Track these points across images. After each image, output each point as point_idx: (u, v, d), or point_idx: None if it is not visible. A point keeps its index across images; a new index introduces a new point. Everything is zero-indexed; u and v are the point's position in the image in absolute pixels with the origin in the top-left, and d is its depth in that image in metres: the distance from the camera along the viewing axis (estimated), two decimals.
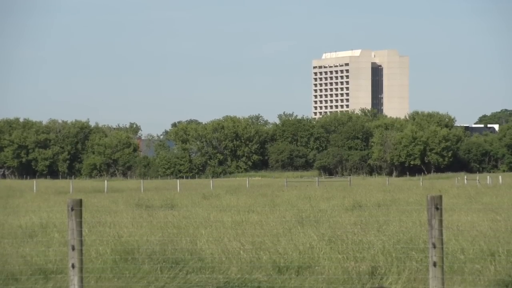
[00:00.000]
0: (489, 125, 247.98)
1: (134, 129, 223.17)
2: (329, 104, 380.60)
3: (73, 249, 16.25)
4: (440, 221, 14.93)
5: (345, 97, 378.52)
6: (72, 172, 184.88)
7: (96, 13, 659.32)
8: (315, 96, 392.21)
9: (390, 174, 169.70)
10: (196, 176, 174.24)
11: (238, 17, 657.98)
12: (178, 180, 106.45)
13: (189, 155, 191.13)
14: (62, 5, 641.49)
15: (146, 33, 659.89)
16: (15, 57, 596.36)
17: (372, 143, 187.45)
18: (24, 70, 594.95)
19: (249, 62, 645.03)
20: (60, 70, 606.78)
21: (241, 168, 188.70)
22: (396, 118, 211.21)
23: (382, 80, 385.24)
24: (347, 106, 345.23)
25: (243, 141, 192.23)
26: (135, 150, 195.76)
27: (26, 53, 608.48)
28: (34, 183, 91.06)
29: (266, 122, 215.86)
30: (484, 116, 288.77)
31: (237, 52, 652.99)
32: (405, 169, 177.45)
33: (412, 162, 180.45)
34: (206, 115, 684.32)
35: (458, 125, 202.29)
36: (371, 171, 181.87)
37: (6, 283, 18.40)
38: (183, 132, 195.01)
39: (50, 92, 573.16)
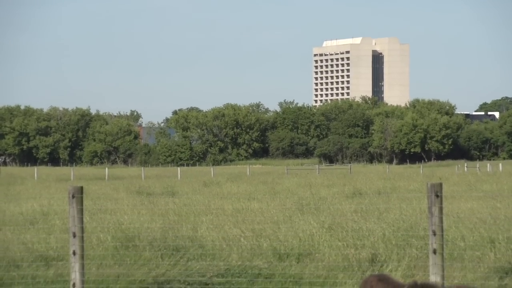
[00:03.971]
0: (489, 113, 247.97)
1: (135, 116, 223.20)
2: (329, 92, 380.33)
3: (74, 236, 16.29)
4: (440, 209, 14.96)
5: (345, 84, 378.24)
6: (73, 159, 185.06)
7: (96, 1, 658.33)
8: (316, 84, 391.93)
9: (390, 161, 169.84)
10: (197, 164, 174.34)
11: (239, 5, 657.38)
12: (179, 168, 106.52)
13: (190, 143, 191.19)
14: None
15: (148, 21, 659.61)
16: (15, 45, 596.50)
17: (373, 131, 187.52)
18: (24, 58, 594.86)
19: (250, 50, 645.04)
20: (61, 58, 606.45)
21: (241, 155, 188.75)
22: (397, 105, 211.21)
23: (383, 68, 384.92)
24: (348, 94, 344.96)
25: (243, 128, 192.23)
26: (136, 137, 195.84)
27: (26, 41, 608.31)
28: (35, 170, 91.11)
29: (266, 110, 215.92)
30: (485, 103, 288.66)
31: (238, 39, 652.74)
32: (405, 156, 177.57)
33: (412, 150, 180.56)
34: (207, 103, 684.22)
35: (459, 112, 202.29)
36: (371, 158, 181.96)
37: (8, 269, 18.44)
38: (183, 120, 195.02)
39: (50, 79, 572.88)
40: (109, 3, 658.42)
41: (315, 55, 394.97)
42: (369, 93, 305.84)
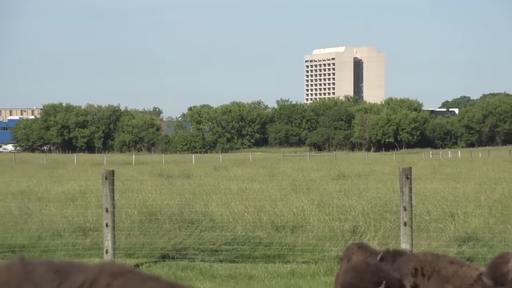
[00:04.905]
0: (450, 109, 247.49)
1: (157, 112, 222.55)
2: (318, 91, 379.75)
3: (106, 211, 16.30)
4: (410, 188, 14.96)
5: (331, 86, 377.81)
6: (106, 147, 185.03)
7: (124, 15, 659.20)
8: (307, 85, 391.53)
9: (368, 149, 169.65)
10: (208, 152, 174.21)
11: (243, 18, 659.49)
12: (193, 155, 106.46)
13: (202, 134, 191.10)
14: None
15: (168, 34, 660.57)
16: (61, 52, 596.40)
17: (354, 124, 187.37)
18: (65, 62, 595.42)
19: (252, 56, 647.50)
20: (95, 63, 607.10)
21: (245, 144, 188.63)
22: (374, 103, 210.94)
23: (363, 72, 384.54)
24: (333, 93, 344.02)
25: (247, 122, 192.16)
26: (157, 129, 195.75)
27: (67, 47, 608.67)
28: (75, 156, 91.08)
29: (266, 107, 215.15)
30: (446, 101, 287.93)
31: (242, 47, 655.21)
32: (381, 145, 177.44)
33: (387, 140, 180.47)
34: (217, 101, 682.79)
35: (425, 109, 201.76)
36: (353, 147, 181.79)
37: (53, 238, 18.47)
38: (197, 115, 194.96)
39: (87, 81, 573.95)
40: (136, 20, 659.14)
41: (306, 61, 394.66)
42: (351, 93, 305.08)
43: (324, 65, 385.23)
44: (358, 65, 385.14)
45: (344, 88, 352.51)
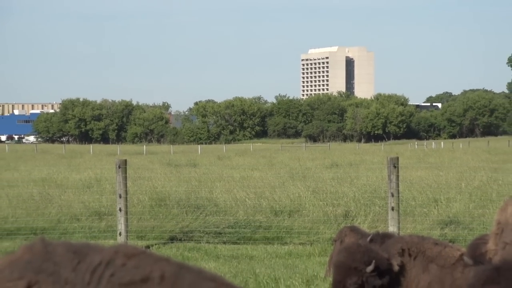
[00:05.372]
0: (434, 104, 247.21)
1: (165, 106, 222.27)
2: (313, 87, 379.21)
3: (120, 197, 16.29)
4: (397, 176, 14.96)
5: (325, 82, 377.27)
6: (119, 139, 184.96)
7: (139, 17, 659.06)
8: (303, 82, 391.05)
9: (359, 141, 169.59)
10: (213, 143, 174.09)
11: (245, 20, 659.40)
12: (199, 146, 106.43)
13: (207, 126, 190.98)
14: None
15: (177, 34, 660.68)
16: (79, 51, 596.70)
17: (346, 117, 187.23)
18: (83, 61, 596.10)
19: (253, 55, 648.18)
20: (110, 60, 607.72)
21: (246, 136, 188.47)
22: (364, 98, 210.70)
23: (354, 70, 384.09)
24: (327, 89, 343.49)
25: (248, 115, 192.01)
26: (166, 122, 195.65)
27: (85, 48, 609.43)
28: (91, 147, 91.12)
29: (265, 102, 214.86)
30: (430, 96, 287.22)
31: (244, 47, 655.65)
32: (370, 137, 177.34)
33: (376, 132, 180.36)
34: (220, 96, 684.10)
35: (411, 103, 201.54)
36: (345, 138, 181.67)
37: (71, 221, 18.49)
38: (203, 109, 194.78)
39: (103, 77, 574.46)
40: (147, 23, 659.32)
41: (302, 59, 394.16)
42: (343, 89, 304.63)
43: (319, 63, 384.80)
44: (349, 64, 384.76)
45: (337, 85, 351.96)
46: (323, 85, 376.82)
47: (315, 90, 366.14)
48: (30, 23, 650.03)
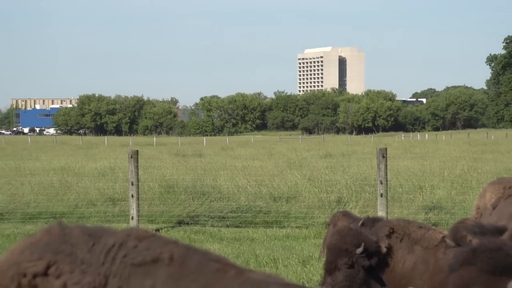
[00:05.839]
0: (419, 99, 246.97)
1: (174, 101, 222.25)
2: (309, 84, 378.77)
3: (132, 184, 16.29)
4: (385, 165, 14.95)
5: (320, 79, 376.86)
6: (131, 131, 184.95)
7: (150, 20, 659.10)
8: (299, 79, 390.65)
9: (351, 133, 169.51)
10: (217, 135, 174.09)
11: (246, 22, 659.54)
12: (204, 137, 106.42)
13: (212, 120, 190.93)
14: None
15: (185, 36, 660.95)
16: (96, 51, 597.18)
17: (339, 112, 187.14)
18: (98, 60, 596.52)
19: (254, 55, 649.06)
20: (123, 59, 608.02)
21: (248, 129, 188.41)
22: (355, 94, 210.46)
23: (346, 68, 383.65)
24: (322, 86, 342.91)
25: (249, 110, 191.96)
26: (174, 116, 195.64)
27: (101, 47, 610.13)
28: (105, 139, 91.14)
29: (265, 97, 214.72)
30: (416, 92, 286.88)
31: (245, 48, 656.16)
32: (361, 129, 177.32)
33: (366, 125, 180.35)
34: (224, 92, 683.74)
35: (398, 99, 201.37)
36: (338, 131, 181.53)
37: (87, 207, 18.50)
38: (208, 104, 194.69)
39: (117, 74, 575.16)
40: (156, 25, 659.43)
41: (299, 59, 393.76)
42: (336, 85, 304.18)
43: (314, 62, 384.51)
44: (342, 62, 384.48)
45: (330, 82, 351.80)
46: (318, 82, 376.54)
47: (310, 86, 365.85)
48: (50, 26, 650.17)
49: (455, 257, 5.44)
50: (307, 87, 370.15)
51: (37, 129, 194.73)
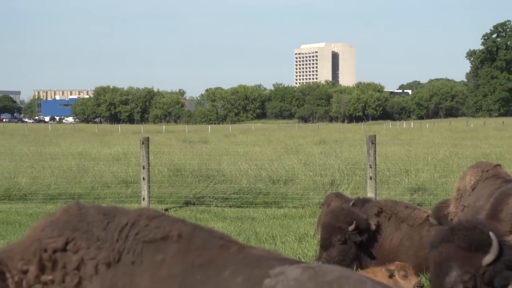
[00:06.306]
0: (405, 90, 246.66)
1: (181, 92, 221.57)
2: (305, 77, 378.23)
3: (143, 168, 16.30)
4: (375, 151, 14.94)
5: (315, 72, 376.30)
6: (143, 119, 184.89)
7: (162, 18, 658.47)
8: (296, 72, 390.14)
9: (343, 121, 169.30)
10: (221, 123, 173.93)
11: (247, 20, 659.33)
12: (209, 125, 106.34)
13: (216, 109, 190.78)
14: None
15: (191, 34, 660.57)
16: (110, 47, 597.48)
17: (332, 102, 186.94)
18: (112, 55, 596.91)
19: (254, 50, 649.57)
20: (135, 54, 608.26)
21: (249, 118, 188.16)
22: (347, 86, 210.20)
23: (338, 62, 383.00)
24: (316, 78, 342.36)
25: (250, 100, 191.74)
26: (182, 106, 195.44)
27: (114, 44, 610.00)
28: (119, 127, 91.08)
29: (265, 89, 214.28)
30: (402, 84, 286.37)
31: (247, 43, 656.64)
32: (352, 118, 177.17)
33: (357, 114, 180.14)
34: (227, 84, 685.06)
35: (386, 90, 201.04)
36: (331, 119, 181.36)
37: (103, 188, 18.51)
38: (212, 95, 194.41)
39: (129, 68, 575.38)
40: (164, 23, 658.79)
41: (295, 53, 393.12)
42: (329, 78, 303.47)
43: (309, 56, 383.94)
44: (335, 57, 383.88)
45: (324, 75, 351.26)
46: (312, 75, 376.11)
47: (306, 79, 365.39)
48: (69, 25, 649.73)
49: (434, 235, 5.46)
50: (303, 79, 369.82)
51: (57, 118, 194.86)
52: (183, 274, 3.76)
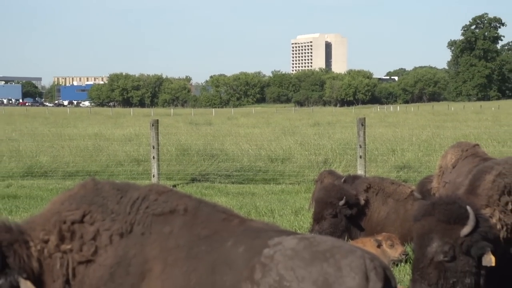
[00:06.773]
0: (392, 77, 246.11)
1: (188, 79, 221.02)
2: (300, 65, 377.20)
3: (153, 147, 16.29)
4: (364, 132, 14.93)
5: (310, 60, 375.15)
6: (153, 104, 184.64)
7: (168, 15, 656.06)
8: (292, 60, 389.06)
9: (335, 105, 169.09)
10: (224, 107, 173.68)
11: (248, 13, 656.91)
12: (213, 109, 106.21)
13: (220, 94, 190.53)
14: None
15: (197, 27, 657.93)
16: (123, 37, 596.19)
17: (325, 88, 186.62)
18: (126, 44, 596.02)
19: (254, 40, 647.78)
20: (147, 43, 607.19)
21: (249, 102, 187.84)
22: (339, 73, 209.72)
23: (331, 51, 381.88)
24: (311, 66, 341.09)
25: (251, 86, 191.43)
26: (188, 91, 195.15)
27: (128, 35, 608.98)
28: (131, 110, 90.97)
29: (264, 75, 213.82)
30: (389, 71, 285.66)
31: (248, 33, 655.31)
32: (344, 102, 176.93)
33: (348, 99, 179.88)
34: (230, 71, 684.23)
35: (375, 77, 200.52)
36: (324, 104, 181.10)
37: (116, 166, 18.53)
38: (216, 81, 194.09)
39: (141, 56, 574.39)
40: (171, 16, 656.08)
41: (292, 43, 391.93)
42: (323, 66, 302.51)
43: (305, 46, 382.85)
44: (328, 46, 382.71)
45: (318, 63, 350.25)
46: (307, 63, 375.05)
47: (301, 66, 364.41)
48: (86, 17, 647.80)
49: (417, 209, 5.50)
50: (299, 67, 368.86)
51: (75, 102, 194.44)
52: (189, 245, 3.78)
